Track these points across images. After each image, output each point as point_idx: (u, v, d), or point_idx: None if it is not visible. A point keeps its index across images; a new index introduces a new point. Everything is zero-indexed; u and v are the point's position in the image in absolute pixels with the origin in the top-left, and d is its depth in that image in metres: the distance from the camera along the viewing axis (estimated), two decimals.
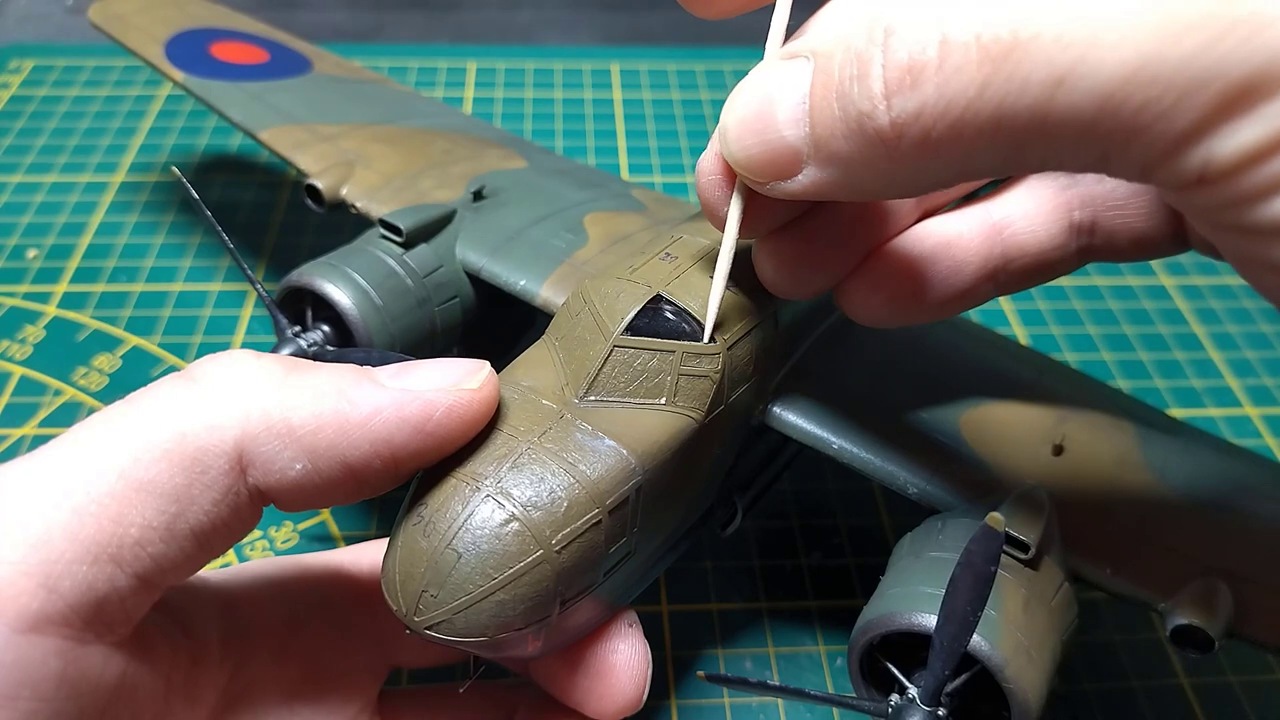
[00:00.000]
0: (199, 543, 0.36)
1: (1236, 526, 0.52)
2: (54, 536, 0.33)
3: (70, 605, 0.33)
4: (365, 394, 0.38)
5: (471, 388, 0.40)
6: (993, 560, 0.39)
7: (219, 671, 0.42)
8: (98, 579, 0.33)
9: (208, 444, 0.36)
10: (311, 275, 0.59)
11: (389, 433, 0.38)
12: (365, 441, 0.38)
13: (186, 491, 0.35)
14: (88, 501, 0.34)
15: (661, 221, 0.69)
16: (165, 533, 0.35)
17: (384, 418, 0.38)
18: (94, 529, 0.33)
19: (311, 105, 0.77)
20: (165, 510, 0.35)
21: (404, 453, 0.38)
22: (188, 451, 0.35)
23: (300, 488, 0.38)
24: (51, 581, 0.33)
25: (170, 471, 0.35)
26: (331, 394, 0.38)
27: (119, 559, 0.34)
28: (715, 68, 1.23)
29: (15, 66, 1.14)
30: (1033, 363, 0.62)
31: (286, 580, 0.48)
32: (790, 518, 0.71)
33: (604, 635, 0.45)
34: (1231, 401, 0.83)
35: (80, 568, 0.33)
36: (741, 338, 0.49)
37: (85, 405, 0.76)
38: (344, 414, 0.37)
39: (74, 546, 0.33)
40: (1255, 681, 0.63)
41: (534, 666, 0.47)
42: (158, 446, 0.35)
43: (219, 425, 0.36)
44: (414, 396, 0.38)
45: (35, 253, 0.90)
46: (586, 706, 0.45)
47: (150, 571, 0.35)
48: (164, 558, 0.35)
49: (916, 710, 0.42)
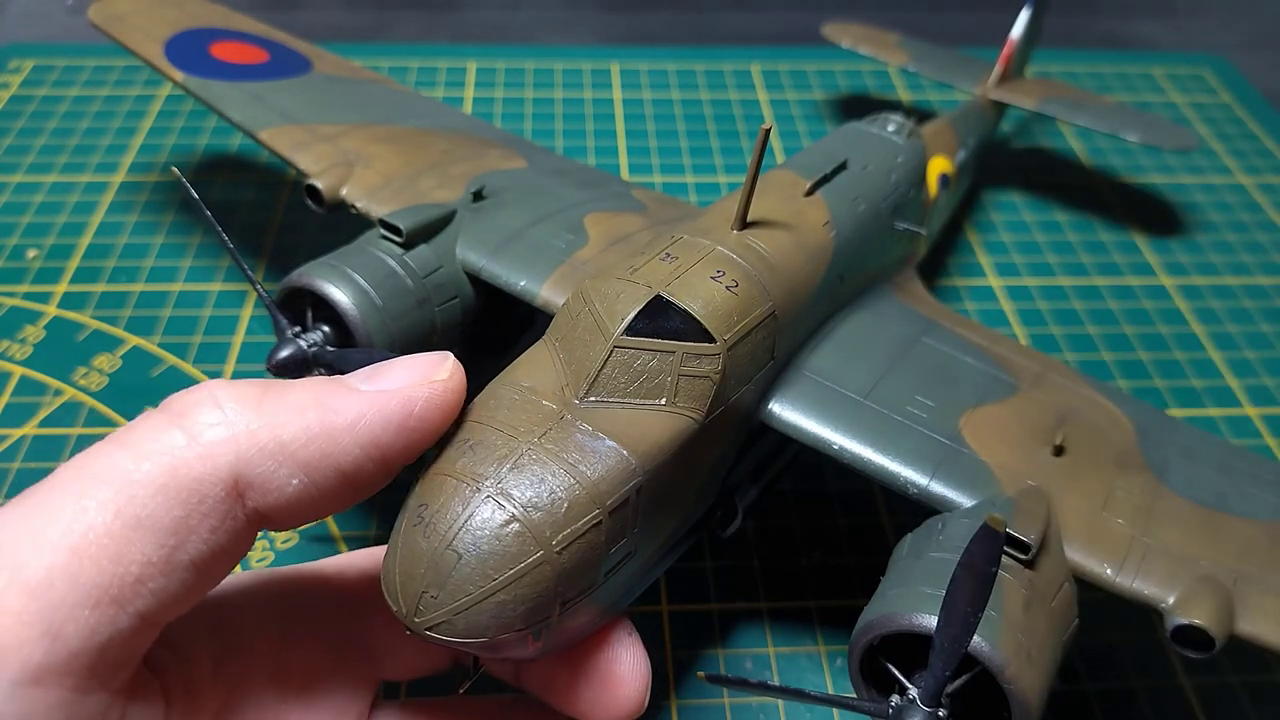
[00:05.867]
0: (199, 573, 0.36)
1: (1236, 526, 0.52)
2: (55, 581, 0.32)
3: (73, 653, 0.32)
4: (346, 401, 0.38)
5: (442, 379, 0.40)
6: (993, 561, 0.39)
7: (212, 695, 0.42)
8: (100, 622, 0.33)
9: (202, 474, 0.36)
10: (311, 275, 0.59)
11: (375, 434, 0.38)
12: (355, 446, 0.38)
13: (184, 523, 0.35)
14: (86, 543, 0.33)
15: (661, 221, 0.69)
16: (165, 566, 0.34)
17: (368, 420, 0.38)
18: (94, 571, 0.33)
19: (311, 105, 0.77)
20: (164, 544, 0.34)
21: (392, 450, 0.39)
22: (183, 483, 0.35)
23: (298, 502, 0.38)
24: (54, 629, 0.32)
25: (167, 505, 0.35)
26: (313, 406, 0.38)
27: (120, 599, 0.33)
28: (715, 68, 1.23)
29: (15, 66, 1.14)
30: (1033, 363, 0.62)
31: (274, 594, 0.47)
32: (790, 518, 0.71)
33: (605, 644, 0.45)
34: (1231, 401, 0.83)
35: (83, 612, 0.32)
36: (742, 338, 0.49)
37: (85, 405, 0.76)
38: (330, 423, 0.38)
39: (75, 590, 0.32)
40: (1255, 682, 0.63)
41: (530, 677, 0.47)
42: (152, 482, 0.35)
43: (211, 454, 0.36)
44: (390, 396, 0.39)
45: (35, 253, 0.89)
46: (590, 715, 0.45)
47: (152, 609, 0.35)
48: (165, 592, 0.35)
49: (917, 711, 0.42)
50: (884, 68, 1.23)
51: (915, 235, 0.72)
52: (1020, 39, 1.03)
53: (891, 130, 0.75)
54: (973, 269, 0.95)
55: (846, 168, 0.67)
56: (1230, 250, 1.00)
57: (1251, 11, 1.49)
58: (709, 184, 1.04)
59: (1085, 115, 0.99)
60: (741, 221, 0.54)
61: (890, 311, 0.64)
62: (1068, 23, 1.38)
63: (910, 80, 1.23)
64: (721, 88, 1.20)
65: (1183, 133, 0.99)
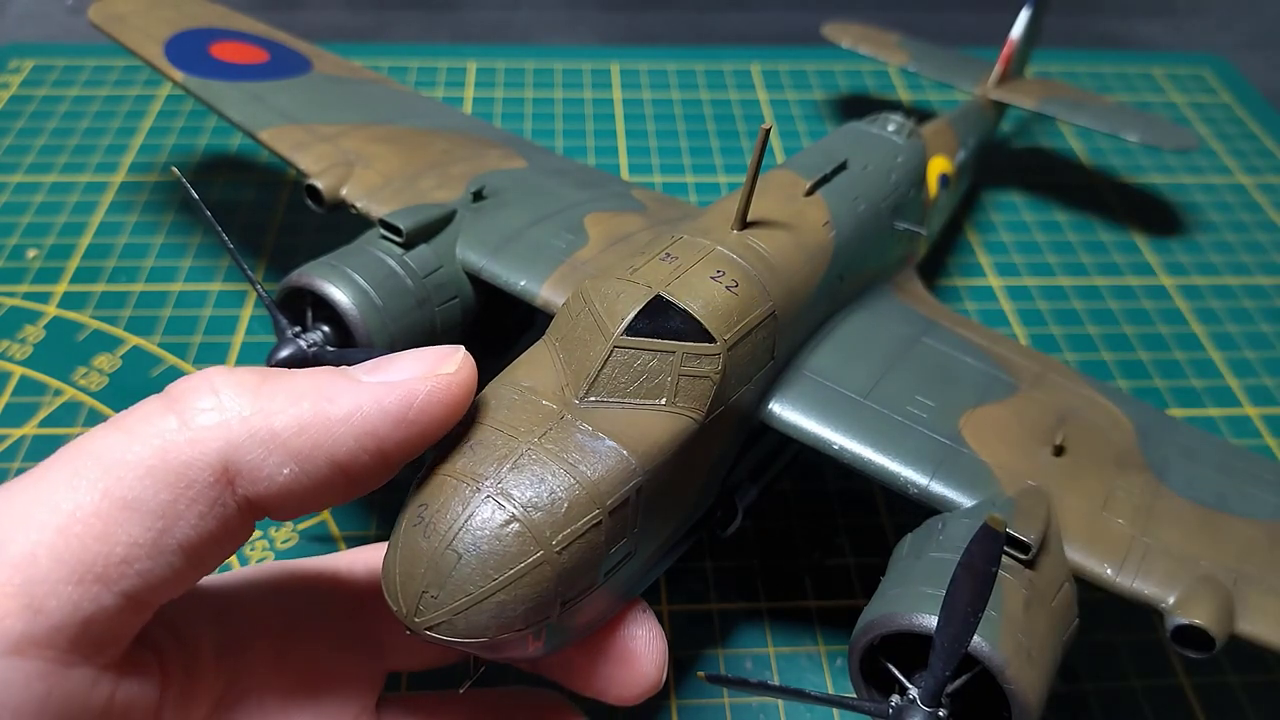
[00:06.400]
0: (188, 558, 0.36)
1: (1236, 526, 0.52)
2: (39, 557, 0.33)
3: (55, 626, 0.33)
4: (343, 391, 0.38)
5: (448, 372, 0.39)
6: (993, 560, 0.39)
7: (213, 681, 0.42)
8: (84, 599, 0.33)
9: (191, 458, 0.36)
10: (311, 275, 0.59)
11: (372, 426, 0.38)
12: (350, 437, 0.37)
13: (172, 507, 0.35)
14: (72, 521, 0.33)
15: (661, 221, 0.69)
16: (152, 549, 0.35)
17: (365, 412, 0.38)
18: (79, 548, 0.33)
19: (311, 105, 0.77)
20: (151, 527, 0.35)
21: (390, 444, 0.38)
22: (171, 467, 0.35)
23: (291, 492, 0.37)
24: (36, 602, 0.32)
25: (155, 488, 0.35)
26: (310, 394, 0.38)
27: (105, 578, 0.34)
28: (715, 68, 1.23)
29: (15, 66, 1.14)
30: (1033, 363, 0.62)
31: (281, 586, 0.47)
32: (790, 518, 0.71)
33: (621, 622, 0.45)
34: (1231, 401, 0.83)
35: (66, 588, 0.33)
36: (742, 338, 0.49)
37: (85, 405, 0.76)
38: (325, 412, 0.37)
39: (59, 567, 0.33)
40: (1255, 681, 0.63)
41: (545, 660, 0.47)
42: (141, 464, 0.35)
43: (201, 439, 0.36)
44: (392, 388, 0.38)
45: (35, 253, 0.89)
46: (609, 693, 0.45)
47: (139, 589, 0.35)
48: (152, 574, 0.35)
49: (917, 711, 0.42)
50: (884, 68, 1.23)
51: (915, 235, 0.72)
52: (1020, 39, 1.03)
53: (891, 130, 0.75)
54: (973, 269, 0.95)
55: (846, 168, 0.67)
56: (1230, 250, 1.00)
57: (1251, 11, 1.49)
58: (709, 184, 1.04)
59: (1085, 115, 0.99)
60: (741, 221, 0.54)
61: (890, 311, 0.64)
62: (1068, 23, 1.38)
63: (910, 80, 1.23)
64: (721, 88, 1.20)
65: (1183, 133, 0.99)
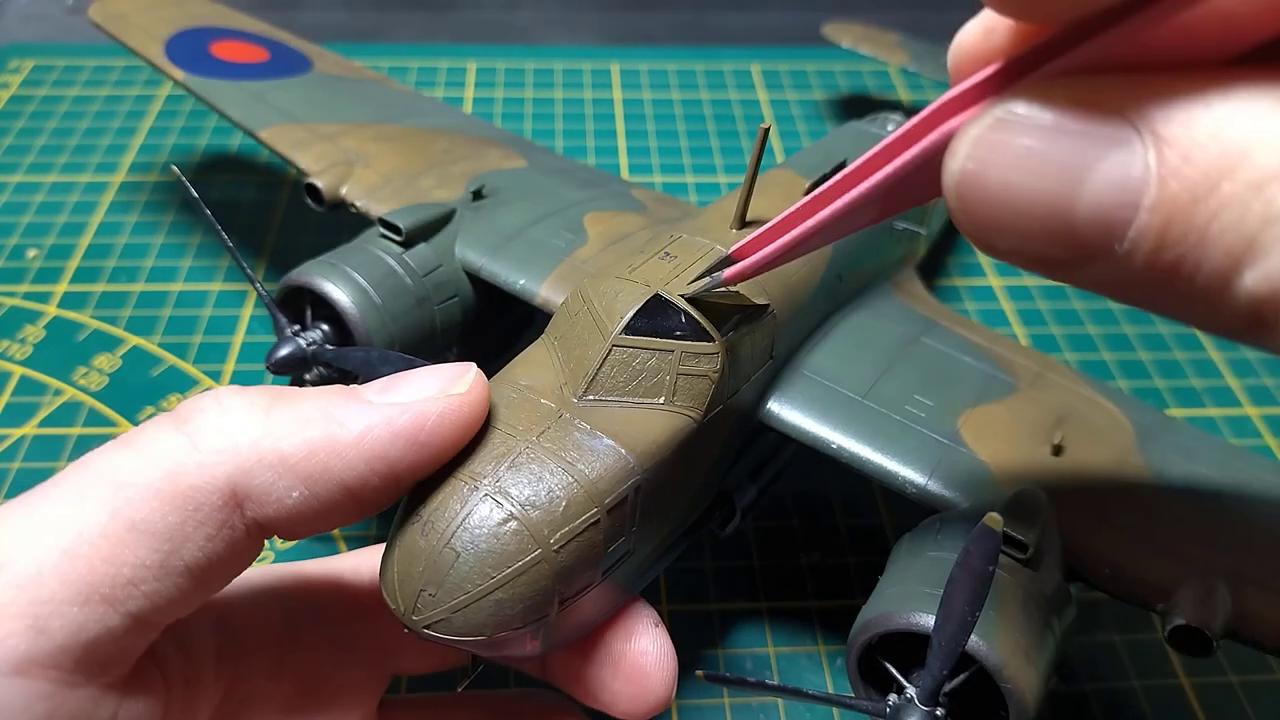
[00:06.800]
0: (195, 579, 0.36)
1: (1236, 527, 0.52)
2: (44, 577, 0.33)
3: (60, 647, 0.33)
4: (353, 414, 0.38)
5: (460, 392, 0.39)
6: (991, 560, 0.39)
7: (214, 688, 0.42)
8: (89, 620, 0.33)
9: (199, 481, 0.36)
10: (311, 274, 0.59)
11: (383, 449, 0.37)
12: (360, 461, 0.37)
13: (180, 529, 0.35)
14: (79, 542, 0.33)
15: (661, 221, 0.69)
16: (159, 570, 0.35)
17: (376, 435, 0.37)
18: (85, 569, 0.33)
19: (312, 104, 0.77)
20: (159, 549, 0.35)
21: (400, 467, 0.38)
22: (179, 489, 0.35)
23: (300, 515, 0.37)
24: (40, 623, 0.32)
25: (163, 510, 0.35)
26: (319, 418, 0.37)
27: (111, 599, 0.34)
28: (715, 68, 1.23)
29: (15, 66, 1.14)
30: (1032, 362, 0.62)
31: (282, 590, 0.47)
32: (790, 518, 0.71)
33: (632, 636, 0.45)
34: (1231, 401, 0.83)
35: (71, 609, 0.33)
36: (741, 337, 0.49)
37: (85, 405, 0.76)
38: (335, 436, 0.37)
39: (65, 587, 0.33)
40: (1255, 681, 0.63)
41: (554, 670, 0.47)
42: (149, 486, 0.35)
43: (210, 462, 0.36)
44: (403, 409, 0.38)
45: (35, 253, 0.90)
46: (616, 708, 0.45)
47: (145, 610, 0.35)
48: (159, 595, 0.35)
49: (914, 710, 0.42)
50: (884, 68, 1.23)
51: (915, 235, 0.72)
52: None
53: (891, 130, 0.75)
54: (973, 269, 0.95)
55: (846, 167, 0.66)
56: None
57: None
58: (709, 184, 1.04)
59: None
60: (740, 220, 0.54)
61: (889, 311, 0.64)
62: None
63: (910, 80, 1.23)
64: (721, 88, 1.20)
65: None
